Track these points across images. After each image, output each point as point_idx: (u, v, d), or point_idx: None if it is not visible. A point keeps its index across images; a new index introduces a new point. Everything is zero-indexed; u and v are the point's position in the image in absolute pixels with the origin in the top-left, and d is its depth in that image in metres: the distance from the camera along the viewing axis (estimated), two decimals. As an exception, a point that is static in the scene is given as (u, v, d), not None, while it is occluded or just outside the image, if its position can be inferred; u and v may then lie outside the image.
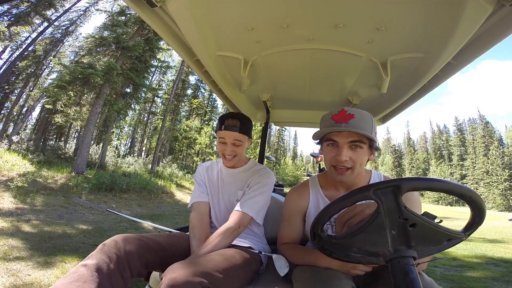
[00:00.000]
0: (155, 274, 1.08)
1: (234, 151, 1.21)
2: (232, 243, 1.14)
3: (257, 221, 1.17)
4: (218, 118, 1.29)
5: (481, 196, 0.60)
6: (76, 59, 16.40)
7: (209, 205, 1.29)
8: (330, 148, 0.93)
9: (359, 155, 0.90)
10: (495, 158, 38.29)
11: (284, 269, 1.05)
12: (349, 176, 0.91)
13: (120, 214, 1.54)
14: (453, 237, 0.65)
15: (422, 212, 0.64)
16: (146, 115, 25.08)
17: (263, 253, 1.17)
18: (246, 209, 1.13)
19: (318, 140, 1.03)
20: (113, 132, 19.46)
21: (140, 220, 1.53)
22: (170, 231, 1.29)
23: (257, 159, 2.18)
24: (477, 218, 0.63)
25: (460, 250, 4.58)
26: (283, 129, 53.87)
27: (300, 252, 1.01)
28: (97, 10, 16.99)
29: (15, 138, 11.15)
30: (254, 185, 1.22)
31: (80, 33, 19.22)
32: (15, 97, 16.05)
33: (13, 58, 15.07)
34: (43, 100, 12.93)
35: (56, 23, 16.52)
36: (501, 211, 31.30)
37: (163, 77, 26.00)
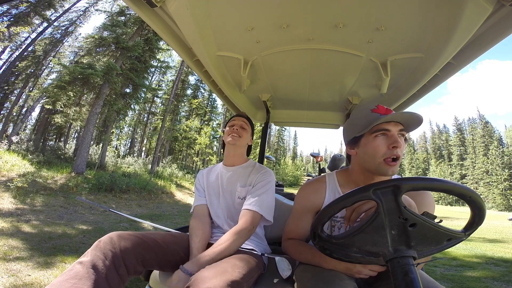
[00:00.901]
0: (155, 274, 1.08)
1: (240, 131, 1.31)
2: None
3: (268, 219, 1.18)
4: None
5: (481, 196, 0.60)
6: (75, 59, 16.40)
7: (208, 207, 1.31)
8: (381, 138, 0.86)
9: (404, 145, 0.88)
10: (494, 158, 38.32)
11: (287, 272, 1.05)
12: (397, 167, 0.86)
13: (121, 214, 1.54)
14: (453, 237, 0.65)
15: (422, 212, 0.64)
16: (145, 115, 25.06)
17: (265, 255, 1.18)
18: (257, 208, 1.14)
19: (352, 139, 0.95)
20: (112, 132, 19.45)
21: (141, 220, 1.53)
22: (170, 231, 1.30)
23: (257, 159, 2.18)
24: (477, 218, 0.63)
25: (460, 250, 4.58)
26: (283, 129, 53.89)
27: (306, 250, 0.99)
28: (97, 10, 17.04)
29: (14, 139, 11.14)
30: (258, 183, 1.23)
31: (80, 34, 19.27)
32: (14, 98, 16.03)
33: (12, 59, 15.07)
34: (42, 101, 12.91)
35: (55, 24, 16.51)
36: (501, 210, 31.32)
37: (163, 77, 26.00)
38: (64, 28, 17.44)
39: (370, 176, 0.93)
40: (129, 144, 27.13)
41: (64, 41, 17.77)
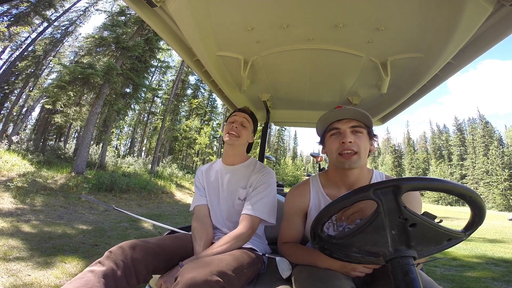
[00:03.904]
0: (155, 275, 1.08)
1: (239, 130, 1.26)
2: None
3: (270, 221, 1.18)
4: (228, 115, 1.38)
5: (481, 196, 0.60)
6: (75, 59, 16.41)
7: (208, 207, 1.29)
8: (334, 137, 0.97)
9: (362, 140, 0.94)
10: (495, 158, 38.27)
11: (287, 272, 1.05)
12: (356, 161, 0.91)
13: (126, 212, 1.53)
14: (453, 237, 0.65)
15: (422, 212, 0.64)
16: (146, 115, 25.05)
17: (266, 255, 1.18)
18: (257, 212, 1.14)
19: (320, 140, 1.07)
20: (112, 132, 19.44)
21: (146, 219, 1.51)
22: (173, 230, 1.30)
23: (256, 157, 2.18)
24: (477, 218, 0.63)
25: (460, 250, 4.58)
26: (283, 129, 53.87)
27: (301, 251, 1.01)
28: (97, 10, 17.04)
29: (14, 138, 11.14)
30: (259, 186, 1.21)
31: (80, 33, 19.27)
32: (14, 97, 16.03)
33: (13, 58, 15.06)
34: (42, 100, 12.90)
35: (55, 23, 16.51)
36: (501, 210, 31.29)
37: (163, 77, 25.98)
38: (64, 28, 17.44)
39: (342, 173, 0.99)
40: (129, 144, 27.13)
41: (64, 41, 17.78)
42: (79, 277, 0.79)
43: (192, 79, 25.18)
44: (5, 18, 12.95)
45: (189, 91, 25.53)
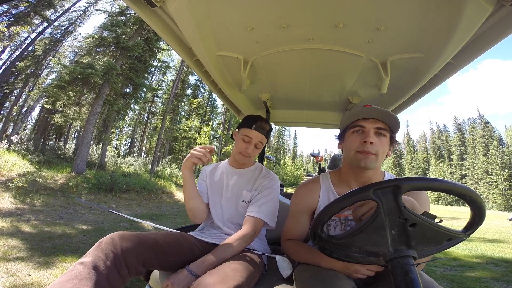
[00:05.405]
0: (155, 274, 1.08)
1: (253, 152, 1.25)
2: None
3: (270, 225, 1.19)
4: (245, 117, 1.30)
5: (481, 196, 0.60)
6: (75, 59, 16.40)
7: (207, 204, 1.30)
8: (356, 134, 0.95)
9: (383, 143, 0.92)
10: (494, 158, 38.28)
11: (287, 271, 1.05)
12: (373, 162, 0.90)
13: (121, 214, 1.54)
14: (453, 237, 0.65)
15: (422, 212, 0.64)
16: (145, 115, 25.03)
17: (265, 254, 1.18)
18: (261, 215, 1.15)
19: (339, 135, 1.06)
20: (112, 132, 19.39)
21: (140, 220, 1.53)
22: (170, 231, 1.30)
23: (257, 159, 2.18)
24: (477, 218, 0.63)
25: (460, 250, 4.58)
26: (283, 129, 53.89)
27: (304, 250, 1.00)
28: (97, 10, 17.03)
29: (14, 138, 11.12)
30: (264, 190, 1.23)
31: (80, 33, 19.30)
32: (14, 97, 16.02)
33: (12, 58, 15.05)
34: (42, 100, 12.89)
35: (55, 23, 16.50)
36: (501, 210, 31.32)
37: (163, 77, 25.94)
38: (64, 28, 17.43)
39: (356, 172, 0.97)
40: (129, 144, 27.11)
41: (64, 41, 17.77)
42: (69, 270, 0.79)
43: (192, 79, 25.15)
44: (5, 18, 12.94)
45: (189, 91, 25.50)
